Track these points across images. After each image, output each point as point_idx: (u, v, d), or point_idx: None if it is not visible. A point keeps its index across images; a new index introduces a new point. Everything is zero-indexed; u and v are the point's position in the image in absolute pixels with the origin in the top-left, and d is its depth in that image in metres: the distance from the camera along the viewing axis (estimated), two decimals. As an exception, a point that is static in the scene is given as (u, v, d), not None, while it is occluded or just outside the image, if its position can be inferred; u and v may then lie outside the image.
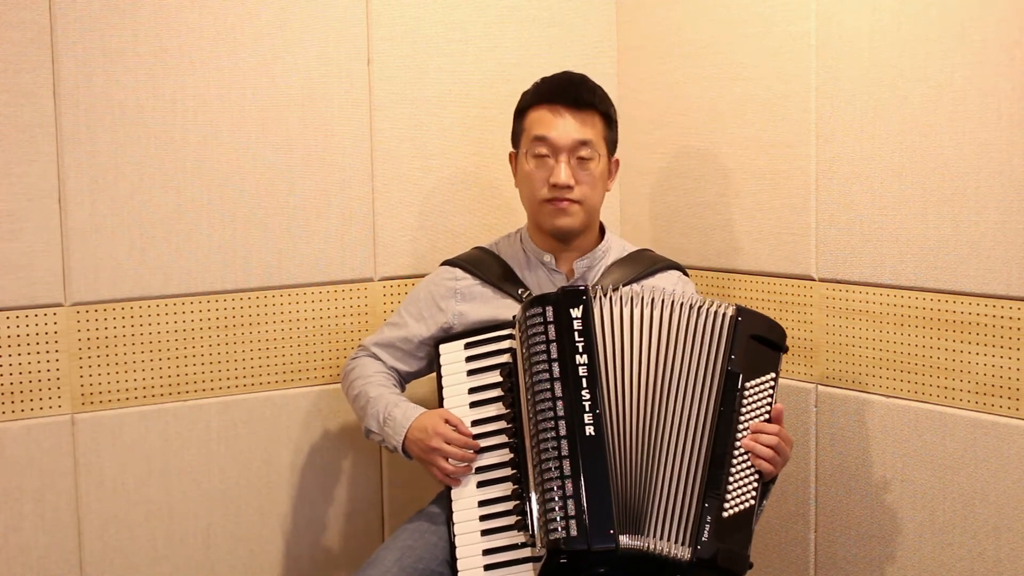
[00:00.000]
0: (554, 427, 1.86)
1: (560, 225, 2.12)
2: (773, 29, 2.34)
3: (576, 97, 2.12)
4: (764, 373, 1.95)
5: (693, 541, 1.83)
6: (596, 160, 2.11)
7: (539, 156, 2.11)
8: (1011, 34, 1.96)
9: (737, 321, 1.94)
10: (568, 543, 1.80)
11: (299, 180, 2.39)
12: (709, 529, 1.84)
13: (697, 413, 1.91)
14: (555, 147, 2.10)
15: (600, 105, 2.14)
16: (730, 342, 1.93)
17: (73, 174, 2.18)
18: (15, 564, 2.18)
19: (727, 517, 1.86)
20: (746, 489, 1.89)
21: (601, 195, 2.16)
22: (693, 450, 1.89)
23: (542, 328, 1.91)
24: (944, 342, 2.10)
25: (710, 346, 1.94)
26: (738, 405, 1.91)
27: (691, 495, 1.87)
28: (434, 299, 2.21)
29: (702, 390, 1.92)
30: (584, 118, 2.11)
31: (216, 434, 2.36)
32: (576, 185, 2.10)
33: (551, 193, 2.10)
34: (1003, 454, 2.02)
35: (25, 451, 2.18)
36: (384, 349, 2.24)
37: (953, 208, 2.06)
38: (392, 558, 2.00)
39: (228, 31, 2.30)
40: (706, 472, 1.87)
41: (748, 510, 1.89)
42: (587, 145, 2.10)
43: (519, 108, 2.19)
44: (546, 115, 2.12)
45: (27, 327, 2.16)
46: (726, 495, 1.87)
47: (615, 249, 2.23)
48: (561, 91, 2.13)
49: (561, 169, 2.09)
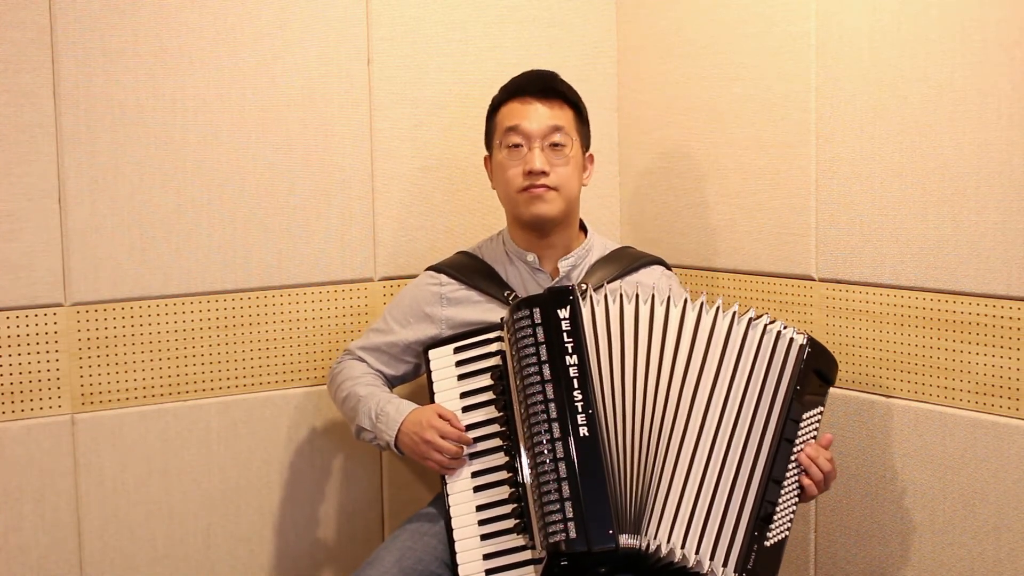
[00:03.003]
0: (548, 429, 1.85)
1: (538, 212, 2.11)
2: (773, 29, 2.34)
3: (545, 87, 2.13)
4: (816, 406, 1.95)
5: (740, 567, 1.83)
6: (570, 146, 2.12)
7: (512, 147, 2.12)
8: (1011, 34, 1.96)
9: (808, 351, 1.93)
10: (568, 545, 1.80)
11: (299, 180, 2.39)
12: (755, 559, 1.84)
13: (745, 431, 1.89)
14: (527, 135, 2.10)
15: (570, 96, 2.16)
16: (796, 370, 1.91)
17: (73, 174, 2.18)
18: (15, 564, 2.18)
19: (769, 546, 1.86)
20: (787, 520, 1.90)
21: (578, 185, 2.16)
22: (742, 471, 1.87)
23: (530, 330, 1.91)
24: (944, 342, 2.10)
25: (770, 366, 1.92)
26: (794, 435, 1.90)
27: (738, 517, 1.85)
28: (419, 305, 2.21)
29: (755, 408, 1.90)
30: (554, 106, 2.13)
31: (216, 434, 2.36)
32: (552, 170, 2.10)
33: (527, 180, 2.10)
34: (1003, 454, 2.02)
35: (25, 451, 2.18)
36: (370, 353, 2.24)
37: (953, 208, 2.06)
38: (392, 558, 2.00)
39: (228, 31, 2.30)
40: (761, 500, 1.86)
41: (783, 540, 1.89)
42: (560, 131, 2.10)
43: (490, 109, 2.20)
44: (516, 106, 2.13)
45: (27, 327, 2.16)
46: (771, 523, 1.87)
47: (598, 247, 2.24)
48: (529, 83, 2.15)
49: (535, 155, 2.09)
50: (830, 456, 1.95)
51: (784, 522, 1.89)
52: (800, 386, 1.91)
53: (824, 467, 1.93)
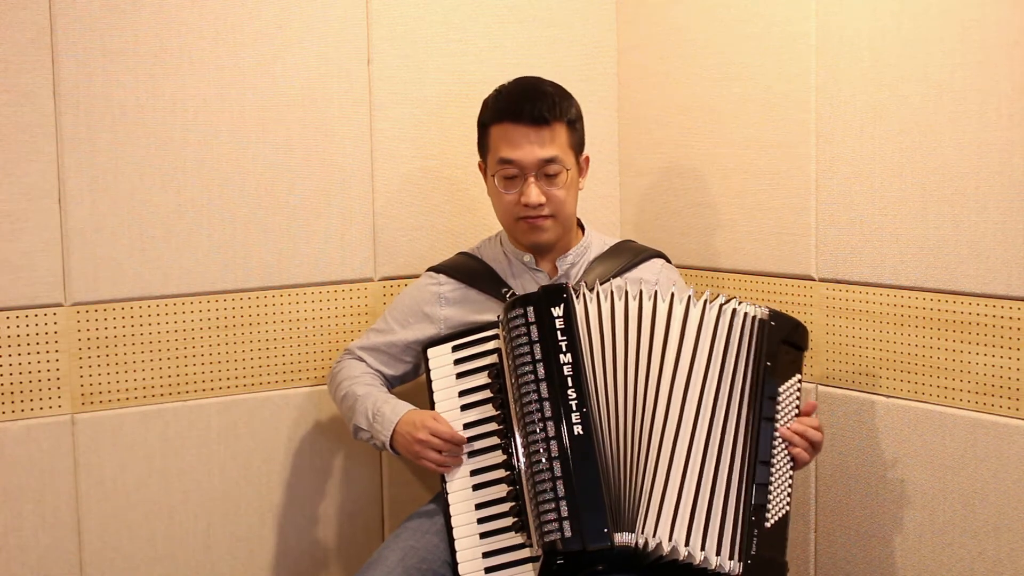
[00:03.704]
0: (542, 428, 1.86)
1: (537, 241, 2.15)
2: (773, 29, 2.34)
3: (535, 115, 2.08)
4: (791, 376, 1.95)
5: (744, 556, 1.83)
6: (564, 174, 2.11)
7: (507, 178, 2.11)
8: (1011, 34, 1.96)
9: (770, 326, 1.93)
10: (563, 544, 1.80)
11: (299, 180, 2.39)
12: (756, 543, 1.84)
13: (722, 418, 1.90)
14: (522, 167, 2.09)
15: (561, 115, 2.10)
16: (761, 347, 1.92)
17: (73, 174, 2.18)
18: (15, 564, 2.18)
19: (769, 528, 1.86)
20: (783, 495, 1.90)
21: (574, 201, 2.17)
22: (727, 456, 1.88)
23: (525, 329, 1.91)
24: (944, 342, 2.10)
25: (738, 349, 1.92)
26: (773, 412, 1.90)
27: (735, 506, 1.86)
28: (419, 305, 2.22)
29: (729, 393, 1.91)
30: (545, 134, 2.08)
31: (216, 434, 2.36)
32: (548, 200, 2.10)
33: (524, 212, 2.11)
34: (1003, 454, 2.02)
35: (25, 451, 2.18)
36: (369, 353, 2.25)
37: (953, 208, 2.06)
38: (395, 558, 2.00)
39: (228, 31, 2.30)
40: (751, 483, 1.86)
41: (785, 516, 1.89)
42: (553, 162, 2.09)
43: (481, 119, 2.17)
44: (509, 132, 2.09)
45: (27, 327, 2.16)
46: (767, 505, 1.87)
47: (596, 244, 2.24)
48: (519, 109, 2.09)
49: (531, 191, 2.09)
50: (816, 423, 1.96)
51: (782, 500, 1.89)
52: (770, 362, 1.91)
53: (813, 437, 1.94)
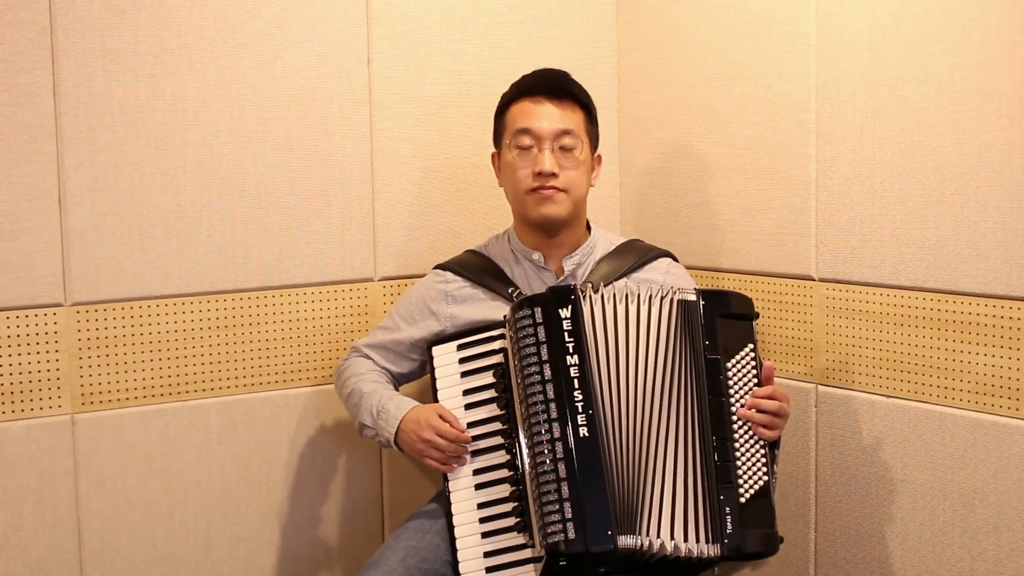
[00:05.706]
0: (548, 430, 1.86)
1: (546, 213, 2.12)
2: (773, 29, 2.34)
3: (557, 88, 2.14)
4: (742, 348, 1.95)
5: (719, 537, 1.85)
6: (579, 148, 2.12)
7: (522, 147, 2.12)
8: (1011, 34, 1.96)
9: (702, 305, 1.94)
10: (567, 545, 1.80)
11: (299, 180, 2.39)
12: (731, 520, 1.85)
13: (687, 407, 1.92)
14: (538, 136, 2.10)
15: (581, 97, 2.16)
16: (700, 328, 1.93)
17: (73, 174, 2.18)
18: (15, 564, 2.18)
19: (745, 502, 1.87)
20: (756, 467, 1.90)
21: (586, 186, 2.17)
22: (691, 445, 1.90)
23: (532, 330, 1.91)
24: (944, 342, 2.10)
25: (684, 336, 1.94)
26: (725, 389, 1.92)
27: (702, 491, 1.87)
28: (425, 303, 2.22)
29: (687, 382, 1.93)
30: (565, 107, 2.13)
31: (216, 434, 2.36)
32: (561, 172, 2.10)
33: (536, 182, 2.11)
34: (1003, 454, 2.02)
35: (25, 451, 2.18)
36: (376, 350, 2.25)
37: (953, 208, 2.06)
38: (396, 558, 2.00)
39: (228, 31, 2.29)
40: (712, 464, 1.88)
41: (764, 487, 1.90)
42: (570, 134, 2.11)
43: (500, 107, 2.21)
44: (527, 106, 2.13)
45: (27, 327, 2.16)
46: (738, 480, 1.88)
47: (602, 244, 2.24)
48: (541, 83, 2.15)
49: (545, 157, 2.09)
50: (768, 392, 1.93)
51: (755, 473, 1.89)
52: (708, 340, 1.92)
53: (768, 407, 1.92)
